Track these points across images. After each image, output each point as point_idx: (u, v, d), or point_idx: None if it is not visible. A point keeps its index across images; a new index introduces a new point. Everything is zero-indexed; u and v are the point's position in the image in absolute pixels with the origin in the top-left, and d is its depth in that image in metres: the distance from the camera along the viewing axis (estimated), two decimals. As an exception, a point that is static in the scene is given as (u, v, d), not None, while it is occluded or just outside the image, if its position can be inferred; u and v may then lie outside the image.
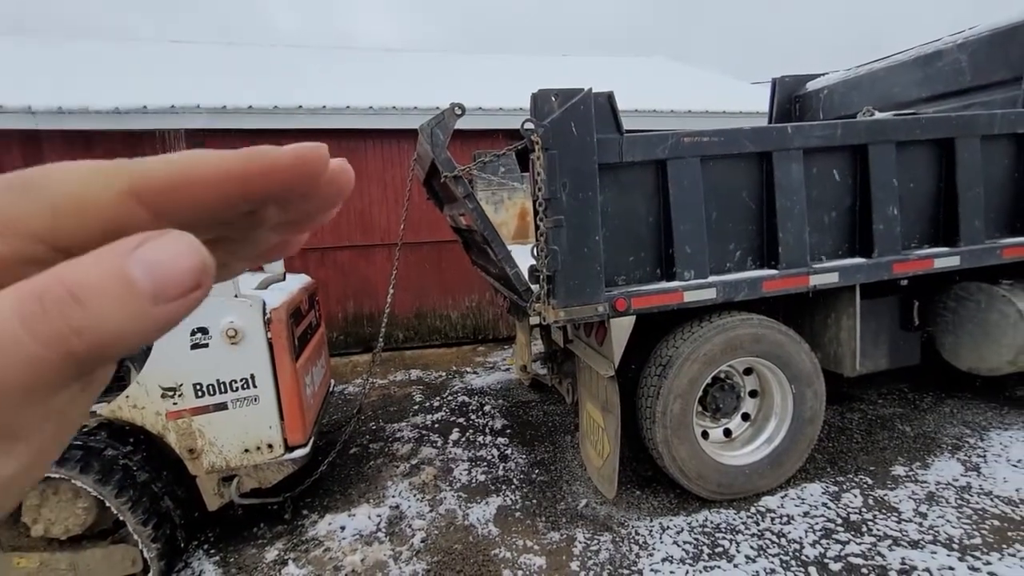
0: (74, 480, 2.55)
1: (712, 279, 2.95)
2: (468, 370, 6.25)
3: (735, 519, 3.11)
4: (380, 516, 3.36)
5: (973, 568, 2.62)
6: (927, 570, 2.62)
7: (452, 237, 5.40)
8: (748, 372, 3.40)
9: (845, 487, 3.34)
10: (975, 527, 2.91)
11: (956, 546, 2.78)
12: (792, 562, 2.74)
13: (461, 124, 2.77)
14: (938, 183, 3.40)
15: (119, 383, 2.89)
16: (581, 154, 2.61)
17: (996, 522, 2.94)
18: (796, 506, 3.18)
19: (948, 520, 2.98)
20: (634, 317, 2.93)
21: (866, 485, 3.35)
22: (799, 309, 3.66)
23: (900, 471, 3.49)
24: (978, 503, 3.11)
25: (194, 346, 2.76)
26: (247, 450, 2.92)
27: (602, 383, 3.05)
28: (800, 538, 2.91)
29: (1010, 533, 2.85)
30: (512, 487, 3.62)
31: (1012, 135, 3.47)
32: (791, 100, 5.78)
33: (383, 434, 4.58)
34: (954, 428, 4.02)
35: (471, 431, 4.51)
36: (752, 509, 3.19)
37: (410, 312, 7.16)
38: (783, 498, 3.26)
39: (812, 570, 2.68)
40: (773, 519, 3.08)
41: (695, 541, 2.95)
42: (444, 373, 6.17)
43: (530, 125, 2.56)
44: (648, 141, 2.80)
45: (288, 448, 3.01)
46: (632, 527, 3.11)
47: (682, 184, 2.84)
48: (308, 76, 8.12)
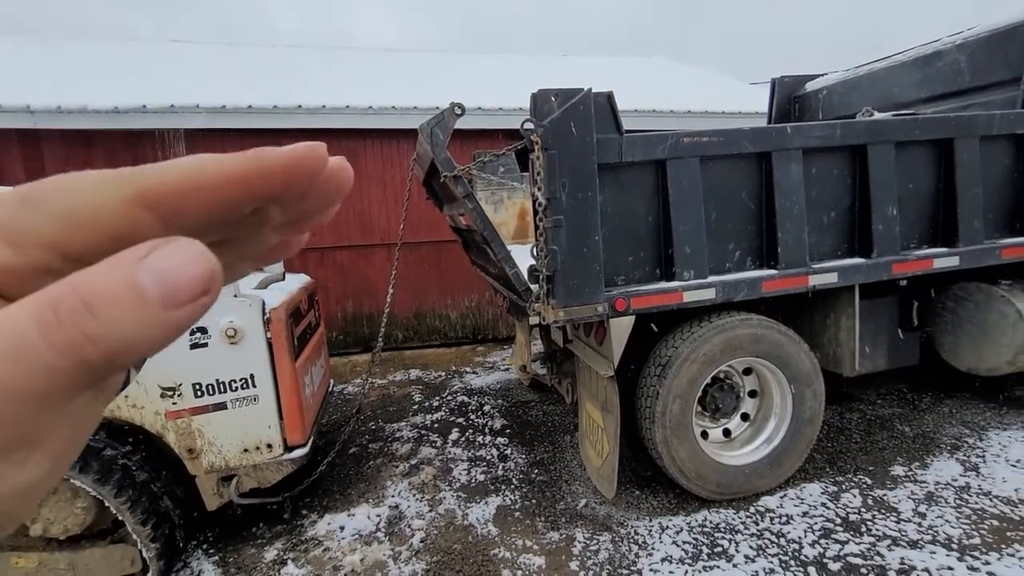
0: (73, 480, 2.55)
1: (711, 279, 2.95)
2: (467, 370, 6.25)
3: (734, 519, 3.11)
4: (379, 516, 3.36)
5: (972, 568, 2.62)
6: (926, 570, 2.62)
7: (452, 237, 5.40)
8: (747, 372, 3.40)
9: (844, 487, 3.34)
10: (974, 527, 2.92)
11: (955, 546, 2.78)
12: (791, 562, 2.75)
13: (461, 124, 2.77)
14: (937, 183, 3.41)
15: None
16: (581, 154, 2.61)
17: (995, 522, 2.95)
18: (795, 506, 3.19)
19: (947, 520, 2.98)
20: (634, 317, 2.94)
21: (865, 485, 3.35)
22: (798, 309, 3.67)
23: (899, 471, 3.49)
24: (977, 503, 3.12)
25: (193, 346, 2.75)
26: (246, 450, 2.92)
27: (601, 383, 3.05)
28: (799, 538, 2.91)
29: (1009, 533, 2.85)
30: (511, 487, 3.62)
31: (1011, 136, 3.48)
32: (790, 100, 5.78)
33: (382, 434, 4.58)
34: (953, 428, 4.03)
35: (470, 431, 4.51)
36: (751, 509, 3.19)
37: (409, 312, 7.16)
38: (782, 498, 3.26)
39: (811, 570, 2.69)
40: (772, 519, 3.09)
41: (694, 541, 2.96)
42: (443, 373, 6.17)
43: (530, 125, 2.56)
44: (648, 141, 2.80)
45: (287, 448, 3.01)
46: (631, 527, 3.11)
47: (681, 184, 2.85)
48: (308, 76, 8.12)
